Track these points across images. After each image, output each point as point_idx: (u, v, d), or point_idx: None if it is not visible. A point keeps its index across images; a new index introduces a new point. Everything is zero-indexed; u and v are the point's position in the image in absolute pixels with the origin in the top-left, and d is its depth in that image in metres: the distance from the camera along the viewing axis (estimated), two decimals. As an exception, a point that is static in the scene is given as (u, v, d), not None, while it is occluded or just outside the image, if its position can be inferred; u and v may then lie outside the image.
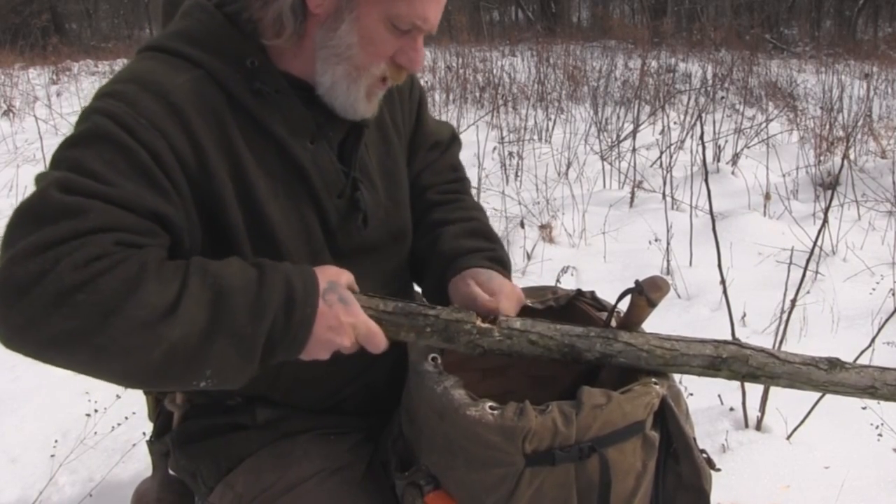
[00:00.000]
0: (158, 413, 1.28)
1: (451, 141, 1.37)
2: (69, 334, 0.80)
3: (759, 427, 2.14)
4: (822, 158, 5.05)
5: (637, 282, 1.03)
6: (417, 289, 1.32)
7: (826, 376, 1.05)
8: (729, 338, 1.14)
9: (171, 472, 1.27)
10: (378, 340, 0.98)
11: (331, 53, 1.01)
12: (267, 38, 1.01)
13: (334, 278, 0.97)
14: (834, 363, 1.06)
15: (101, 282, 0.81)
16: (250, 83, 1.00)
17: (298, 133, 1.04)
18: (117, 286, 0.82)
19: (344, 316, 0.94)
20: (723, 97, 6.76)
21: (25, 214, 0.85)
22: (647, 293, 1.03)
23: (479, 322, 1.01)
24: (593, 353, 1.03)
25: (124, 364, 0.84)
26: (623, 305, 1.10)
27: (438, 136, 1.34)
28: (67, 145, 0.91)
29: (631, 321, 1.07)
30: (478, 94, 7.46)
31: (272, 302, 0.89)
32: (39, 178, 0.89)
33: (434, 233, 1.23)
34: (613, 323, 1.11)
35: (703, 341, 1.05)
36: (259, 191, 1.01)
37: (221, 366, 0.88)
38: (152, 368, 0.85)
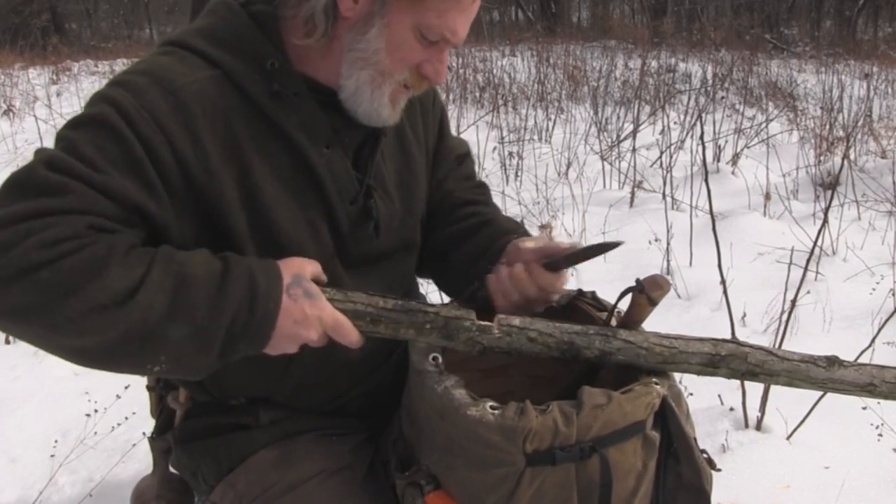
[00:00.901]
0: (160, 410, 1.28)
1: (466, 156, 1.39)
2: (26, 308, 0.81)
3: (759, 427, 2.14)
4: (822, 158, 5.05)
5: (638, 280, 1.04)
6: (421, 291, 1.32)
7: (825, 374, 1.05)
8: (729, 338, 1.14)
9: (171, 469, 1.27)
10: (346, 331, 0.97)
11: (357, 57, 1.01)
12: (297, 38, 1.01)
13: (298, 271, 0.96)
14: (833, 361, 1.06)
15: (65, 262, 0.82)
16: (269, 85, 1.00)
17: (315, 137, 1.04)
18: (81, 268, 0.82)
19: (309, 309, 0.94)
20: (723, 97, 6.76)
21: (11, 185, 0.87)
22: (647, 292, 1.03)
23: (478, 320, 1.01)
24: (592, 351, 1.03)
25: (79, 342, 0.84)
26: (624, 305, 1.10)
27: (458, 150, 1.36)
28: (70, 125, 0.93)
29: (632, 320, 1.07)
30: (478, 94, 7.45)
31: (234, 297, 0.89)
32: (36, 153, 0.91)
33: (479, 217, 1.23)
34: (614, 322, 1.11)
35: (701, 339, 1.05)
36: (266, 195, 1.00)
37: (176, 354, 0.88)
38: (107, 349, 0.85)
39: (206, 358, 0.90)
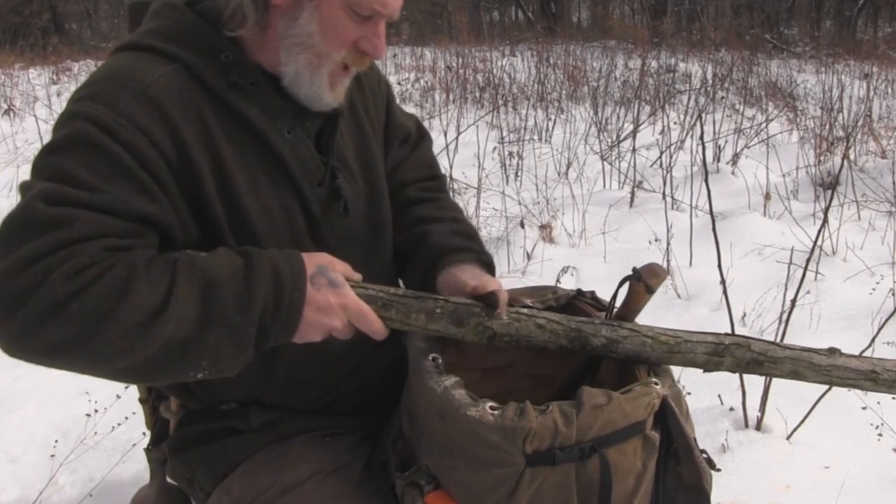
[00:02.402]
0: (155, 421, 1.28)
1: (420, 135, 1.38)
2: (66, 342, 0.82)
3: (759, 427, 2.13)
4: (822, 158, 5.05)
5: (635, 269, 1.05)
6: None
7: (828, 360, 1.07)
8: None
9: (168, 479, 1.26)
10: (370, 320, 0.98)
11: (293, 43, 1.02)
12: (230, 30, 1.02)
13: (325, 263, 0.98)
14: (833, 350, 1.08)
15: (92, 290, 0.83)
16: (227, 76, 1.01)
17: (277, 123, 1.05)
18: (108, 292, 0.83)
19: (333, 298, 0.96)
20: (723, 97, 6.76)
21: (13, 227, 0.86)
22: (645, 280, 1.04)
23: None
24: (599, 339, 1.03)
25: (122, 363, 0.86)
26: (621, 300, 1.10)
27: (407, 129, 1.35)
28: (48, 151, 0.91)
29: (629, 308, 1.08)
30: (478, 94, 7.46)
31: (260, 290, 0.91)
32: (24, 188, 0.89)
33: (420, 228, 1.24)
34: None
35: (704, 332, 1.08)
36: (237, 184, 1.01)
37: (216, 355, 0.90)
38: (150, 364, 0.87)
39: (243, 353, 0.92)
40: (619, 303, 1.12)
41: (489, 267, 1.20)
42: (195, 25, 1.02)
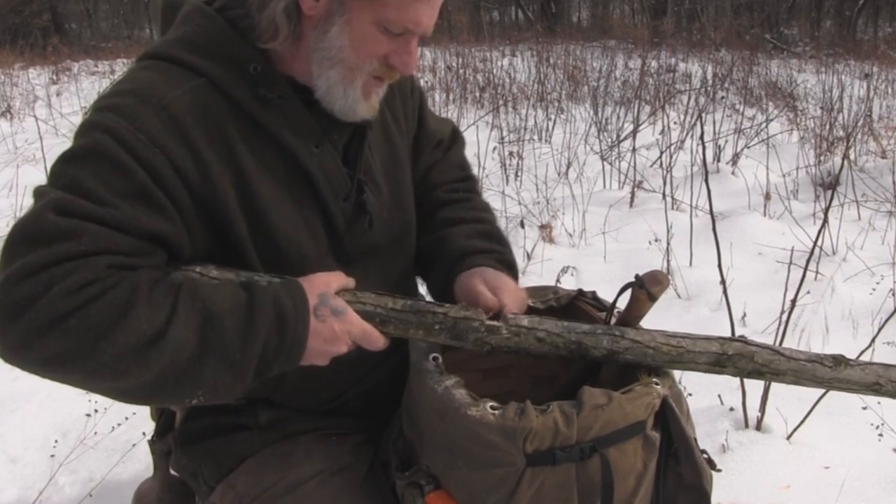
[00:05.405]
0: (161, 413, 1.29)
1: (454, 138, 1.37)
2: (61, 356, 0.82)
3: (759, 427, 2.14)
4: (822, 158, 5.05)
5: (637, 276, 1.04)
6: (422, 290, 1.32)
7: (831, 373, 1.05)
8: (736, 336, 1.14)
9: (172, 472, 1.27)
10: (375, 339, 0.99)
11: (324, 56, 1.00)
12: (263, 42, 1.00)
13: (324, 289, 0.98)
14: (839, 360, 1.06)
15: (91, 308, 0.83)
16: (254, 89, 1.00)
17: (304, 138, 1.04)
18: (108, 312, 0.83)
19: (338, 326, 0.96)
20: (723, 97, 6.76)
21: (21, 235, 0.85)
22: (647, 287, 1.03)
23: (487, 320, 1.01)
24: (600, 350, 1.03)
25: (117, 384, 0.86)
26: (623, 302, 1.10)
27: (441, 134, 1.34)
28: (66, 159, 0.91)
29: (631, 315, 1.07)
30: (478, 94, 7.46)
31: (262, 325, 0.91)
32: (37, 195, 0.89)
33: (444, 230, 1.23)
34: (614, 321, 1.11)
35: (708, 338, 1.05)
36: (262, 198, 1.00)
37: (213, 385, 0.90)
38: (145, 389, 0.87)
39: (241, 384, 0.92)
40: (619, 308, 1.12)
41: (510, 267, 1.20)
42: (224, 35, 1.00)
